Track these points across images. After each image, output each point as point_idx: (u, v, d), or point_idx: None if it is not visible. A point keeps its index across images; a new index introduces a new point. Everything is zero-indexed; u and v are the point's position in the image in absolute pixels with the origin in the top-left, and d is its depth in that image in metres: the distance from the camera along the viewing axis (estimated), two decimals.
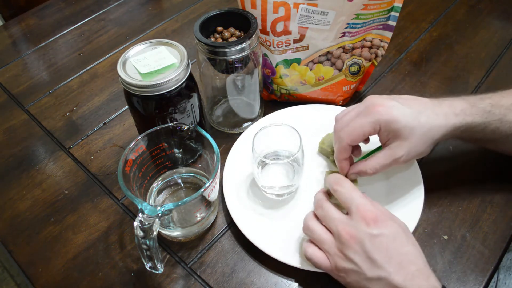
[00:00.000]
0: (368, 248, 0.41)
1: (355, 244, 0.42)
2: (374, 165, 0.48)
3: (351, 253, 0.42)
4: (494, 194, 0.57)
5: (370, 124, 0.47)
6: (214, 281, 0.51)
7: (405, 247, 0.42)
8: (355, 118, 0.48)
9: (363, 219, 0.42)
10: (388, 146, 0.48)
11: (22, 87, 0.78)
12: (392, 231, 0.42)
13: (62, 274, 0.53)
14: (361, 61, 0.65)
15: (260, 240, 0.52)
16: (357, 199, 0.44)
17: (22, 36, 0.91)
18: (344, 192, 0.45)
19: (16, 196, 0.61)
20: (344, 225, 0.43)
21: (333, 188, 0.46)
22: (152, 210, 0.44)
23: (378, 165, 0.48)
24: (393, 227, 0.42)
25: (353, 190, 0.45)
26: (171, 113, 0.54)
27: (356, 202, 0.44)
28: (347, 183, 0.46)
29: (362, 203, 0.43)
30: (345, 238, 0.42)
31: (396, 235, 0.42)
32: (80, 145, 0.68)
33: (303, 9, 0.57)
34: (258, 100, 0.66)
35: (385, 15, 0.61)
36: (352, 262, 0.42)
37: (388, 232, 0.41)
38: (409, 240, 0.42)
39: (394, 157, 0.48)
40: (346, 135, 0.48)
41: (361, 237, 0.41)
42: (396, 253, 0.41)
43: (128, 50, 0.55)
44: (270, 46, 0.62)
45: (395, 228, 0.42)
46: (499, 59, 0.77)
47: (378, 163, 0.48)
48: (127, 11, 0.94)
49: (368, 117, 0.47)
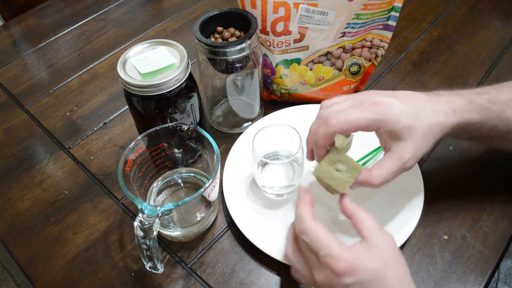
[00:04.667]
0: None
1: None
2: (380, 174, 0.44)
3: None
4: (494, 194, 0.57)
5: (367, 121, 0.43)
6: (214, 281, 0.51)
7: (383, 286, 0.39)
8: (349, 109, 0.44)
9: (332, 272, 0.39)
10: (391, 150, 0.45)
11: (22, 87, 0.78)
12: (366, 275, 0.38)
13: (62, 274, 0.53)
14: (361, 61, 0.65)
15: (260, 240, 0.52)
16: (322, 250, 0.39)
17: (22, 36, 0.91)
18: (308, 241, 0.41)
19: (16, 196, 0.61)
20: (317, 270, 0.41)
21: (299, 236, 0.43)
22: (152, 210, 0.44)
23: (385, 173, 0.44)
24: (367, 268, 0.39)
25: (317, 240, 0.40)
26: (171, 113, 0.54)
27: (322, 253, 0.39)
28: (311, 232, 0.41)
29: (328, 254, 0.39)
30: (319, 283, 0.41)
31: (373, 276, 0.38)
32: (80, 145, 0.68)
33: (303, 9, 0.57)
34: (258, 100, 0.66)
35: (385, 15, 0.61)
36: None
37: (362, 277, 0.38)
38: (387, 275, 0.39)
39: (401, 162, 0.44)
40: (338, 123, 0.43)
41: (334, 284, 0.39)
42: None
43: (128, 50, 0.55)
44: (270, 46, 0.62)
45: (370, 267, 0.39)
46: (499, 59, 0.77)
47: (385, 171, 0.44)
48: (127, 11, 0.94)
49: (366, 113, 0.43)
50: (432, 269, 0.51)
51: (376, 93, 0.46)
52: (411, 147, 0.44)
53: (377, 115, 0.43)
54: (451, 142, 0.64)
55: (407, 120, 0.44)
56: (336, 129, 0.44)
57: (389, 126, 0.43)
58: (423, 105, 0.45)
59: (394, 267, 0.40)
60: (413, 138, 0.44)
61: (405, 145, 0.44)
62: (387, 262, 0.39)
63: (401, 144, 0.44)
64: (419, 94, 0.47)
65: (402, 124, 0.43)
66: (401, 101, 0.45)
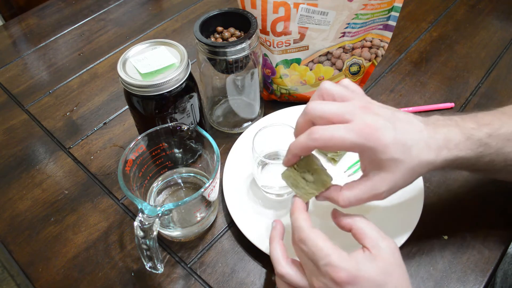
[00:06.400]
0: None
1: None
2: (349, 197, 0.41)
3: None
4: (494, 194, 0.57)
5: (351, 144, 0.39)
6: (214, 281, 0.51)
7: None
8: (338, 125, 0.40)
9: (332, 281, 0.38)
10: (368, 176, 0.41)
11: (22, 87, 0.78)
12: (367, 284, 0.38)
13: (62, 274, 0.53)
14: (361, 61, 0.65)
15: (260, 240, 0.52)
16: (322, 259, 0.38)
17: (22, 36, 0.91)
18: (307, 251, 0.39)
19: (16, 196, 0.61)
20: (316, 279, 0.39)
21: (297, 245, 0.41)
22: (152, 210, 0.44)
23: (354, 197, 0.41)
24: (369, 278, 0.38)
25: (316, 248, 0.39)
26: (171, 113, 0.54)
27: (321, 263, 0.38)
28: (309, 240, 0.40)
29: (328, 263, 0.38)
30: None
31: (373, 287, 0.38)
32: (80, 145, 0.68)
33: (303, 9, 0.57)
34: (258, 100, 0.66)
35: (385, 15, 0.61)
36: None
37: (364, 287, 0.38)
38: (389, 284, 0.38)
39: (374, 192, 0.41)
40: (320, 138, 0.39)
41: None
42: None
43: (128, 50, 0.55)
44: (270, 46, 0.62)
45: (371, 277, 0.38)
46: (499, 59, 0.77)
47: (354, 196, 0.41)
48: (127, 11, 0.94)
49: (353, 135, 0.39)
50: (432, 269, 0.51)
51: (375, 110, 0.41)
52: (389, 181, 0.40)
53: (364, 140, 0.39)
54: None
55: (396, 152, 0.39)
56: (317, 144, 0.40)
57: (375, 155, 0.40)
58: (419, 138, 0.41)
59: (394, 277, 0.39)
60: (395, 173, 0.40)
61: (384, 177, 0.40)
62: (388, 272, 0.38)
63: (381, 175, 0.40)
64: (418, 122, 0.42)
65: (389, 155, 0.39)
66: (396, 128, 0.40)
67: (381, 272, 0.38)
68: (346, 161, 0.61)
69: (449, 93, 0.71)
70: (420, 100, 0.71)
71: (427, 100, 0.71)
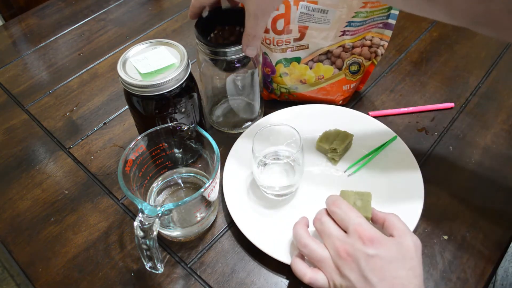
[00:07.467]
0: (363, 267, 0.41)
1: (351, 262, 0.42)
2: None
3: (347, 271, 0.42)
4: (494, 194, 0.57)
5: None
6: (214, 281, 0.51)
7: (400, 270, 0.41)
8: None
9: (360, 238, 0.42)
10: None
11: (22, 87, 0.78)
12: (388, 254, 0.41)
13: (62, 274, 0.53)
14: (361, 60, 0.65)
15: (260, 240, 0.52)
16: (354, 219, 0.44)
17: (22, 36, 0.91)
18: (340, 213, 0.45)
19: (16, 196, 0.61)
20: (341, 243, 0.43)
21: (330, 209, 0.46)
22: (152, 210, 0.44)
23: None
24: (390, 249, 0.42)
25: (350, 210, 0.45)
26: (171, 113, 0.54)
27: (353, 221, 0.44)
28: (344, 204, 0.46)
29: (359, 223, 0.43)
30: (342, 256, 0.42)
31: (393, 258, 0.41)
32: (80, 145, 0.68)
33: (303, 6, 0.57)
34: (258, 100, 0.66)
35: (385, 13, 0.61)
36: (347, 279, 0.42)
37: (384, 254, 0.41)
38: (406, 263, 0.41)
39: None
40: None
41: (358, 255, 0.41)
42: (389, 275, 0.40)
43: (128, 50, 0.55)
44: (270, 45, 0.62)
45: (393, 250, 0.42)
46: (499, 59, 0.77)
47: None
48: (127, 11, 0.94)
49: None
50: (432, 269, 0.51)
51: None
52: None
53: None
54: (451, 142, 0.64)
55: None
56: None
57: None
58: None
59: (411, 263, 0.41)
60: None
61: None
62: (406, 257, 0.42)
63: None
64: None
65: None
66: None
67: (400, 254, 0.42)
68: (346, 161, 0.61)
69: (449, 93, 0.71)
70: (420, 100, 0.71)
71: (427, 100, 0.71)
